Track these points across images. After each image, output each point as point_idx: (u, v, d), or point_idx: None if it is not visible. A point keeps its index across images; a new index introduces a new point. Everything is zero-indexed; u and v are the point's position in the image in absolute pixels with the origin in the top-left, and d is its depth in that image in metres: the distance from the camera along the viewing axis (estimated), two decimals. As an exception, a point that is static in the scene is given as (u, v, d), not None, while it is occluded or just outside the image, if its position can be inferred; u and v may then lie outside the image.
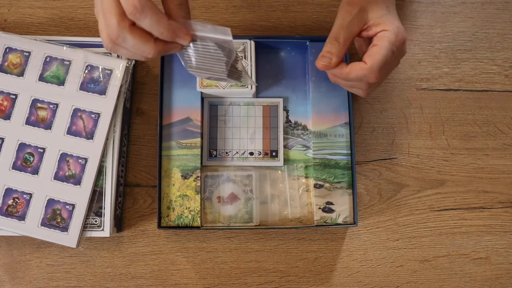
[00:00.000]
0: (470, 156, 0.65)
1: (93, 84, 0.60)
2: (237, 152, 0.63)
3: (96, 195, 0.59)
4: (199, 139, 0.61)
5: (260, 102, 0.64)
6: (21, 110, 0.60)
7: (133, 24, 0.38)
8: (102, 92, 0.60)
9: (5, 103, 0.60)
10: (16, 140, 0.59)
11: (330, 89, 0.63)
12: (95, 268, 0.62)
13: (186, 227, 0.59)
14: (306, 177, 0.62)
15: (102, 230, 0.58)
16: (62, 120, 0.59)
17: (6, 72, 0.60)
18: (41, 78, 0.60)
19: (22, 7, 0.66)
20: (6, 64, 0.60)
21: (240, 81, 0.49)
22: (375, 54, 0.48)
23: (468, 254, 0.63)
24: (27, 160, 0.59)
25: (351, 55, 0.66)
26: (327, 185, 0.61)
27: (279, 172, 0.62)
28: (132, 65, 0.61)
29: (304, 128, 0.63)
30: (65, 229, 0.58)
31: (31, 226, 0.58)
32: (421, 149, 0.65)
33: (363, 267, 0.63)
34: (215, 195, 0.61)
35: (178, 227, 0.59)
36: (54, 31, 0.66)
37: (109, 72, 0.60)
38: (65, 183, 0.59)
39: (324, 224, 0.60)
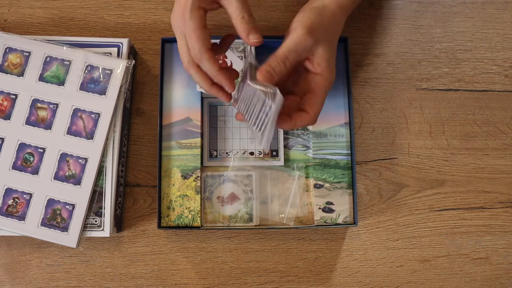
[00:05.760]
0: (470, 156, 0.65)
1: (93, 84, 0.60)
2: (237, 152, 0.63)
3: (96, 195, 0.59)
4: (199, 139, 0.61)
5: (260, 102, 0.64)
6: (21, 110, 0.60)
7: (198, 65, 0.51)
8: (102, 92, 0.60)
9: (5, 103, 0.60)
10: (16, 140, 0.59)
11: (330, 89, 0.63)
12: (95, 268, 0.62)
13: (186, 227, 0.59)
14: (306, 177, 0.62)
15: (102, 230, 0.58)
16: (62, 120, 0.59)
17: (6, 72, 0.60)
18: (41, 78, 0.60)
19: (22, 7, 0.66)
20: (6, 64, 0.60)
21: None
22: (315, 103, 0.52)
23: (468, 254, 0.63)
24: (27, 160, 0.59)
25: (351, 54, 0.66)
26: (327, 185, 0.61)
27: (279, 172, 0.62)
28: (132, 65, 0.61)
29: (304, 128, 0.63)
30: (65, 229, 0.58)
31: (31, 226, 0.58)
32: (421, 149, 0.65)
33: (363, 267, 0.63)
34: (215, 195, 0.61)
35: (178, 227, 0.59)
36: (54, 31, 0.66)
37: (109, 72, 0.60)
38: (65, 183, 0.59)
39: (324, 224, 0.60)
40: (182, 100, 0.62)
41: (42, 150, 0.59)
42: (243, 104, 0.52)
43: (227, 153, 0.63)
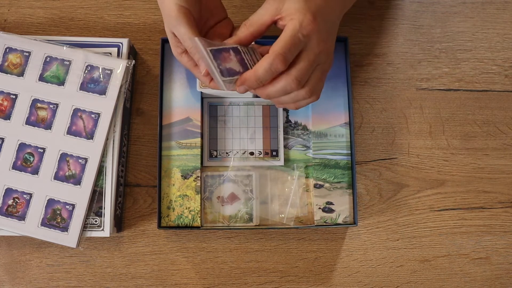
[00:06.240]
0: (470, 156, 0.65)
1: (93, 84, 0.60)
2: (237, 152, 0.63)
3: (96, 195, 0.59)
4: (199, 139, 0.61)
5: (259, 102, 0.64)
6: (21, 110, 0.60)
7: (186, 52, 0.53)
8: (102, 92, 0.60)
9: (5, 103, 0.60)
10: (16, 140, 0.59)
11: (330, 89, 0.63)
12: (95, 268, 0.62)
13: (186, 227, 0.59)
14: (306, 177, 0.62)
15: (102, 230, 0.58)
16: (62, 120, 0.59)
17: (6, 72, 0.60)
18: (41, 78, 0.60)
19: (22, 7, 0.66)
20: (6, 64, 0.60)
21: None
22: (277, 42, 0.47)
23: (468, 254, 0.63)
24: (27, 160, 0.59)
25: (350, 55, 0.66)
26: (327, 185, 0.61)
27: (279, 172, 0.62)
28: (132, 65, 0.61)
29: (304, 128, 0.63)
30: (65, 229, 0.58)
31: (31, 226, 0.58)
32: (421, 149, 0.65)
33: (363, 267, 0.63)
34: (215, 195, 0.61)
35: (178, 227, 0.59)
36: (54, 31, 0.66)
37: (109, 72, 0.60)
38: (65, 183, 0.59)
39: (324, 224, 0.60)
40: (182, 100, 0.62)
41: (42, 150, 0.59)
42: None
43: (227, 153, 0.63)
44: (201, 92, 0.62)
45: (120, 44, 0.61)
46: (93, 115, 0.60)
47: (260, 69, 0.47)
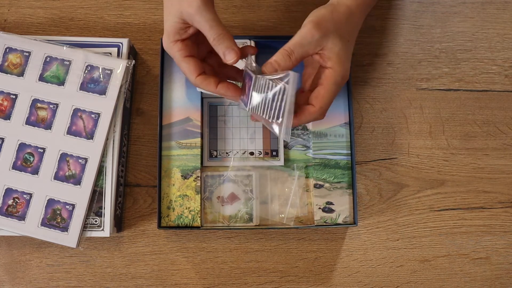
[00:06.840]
0: (470, 156, 0.65)
1: (93, 84, 0.60)
2: (237, 152, 0.63)
3: (96, 195, 0.59)
4: (199, 139, 0.61)
5: (260, 102, 0.64)
6: (21, 110, 0.60)
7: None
8: (102, 92, 0.60)
9: (5, 103, 0.60)
10: (16, 140, 0.59)
11: (330, 89, 0.63)
12: (95, 268, 0.62)
13: (186, 227, 0.59)
14: (306, 177, 0.62)
15: (102, 230, 0.58)
16: (62, 120, 0.59)
17: (6, 72, 0.60)
18: (41, 78, 0.60)
19: (22, 7, 0.66)
20: (6, 64, 0.60)
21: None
22: (322, 97, 0.51)
23: (468, 254, 0.63)
24: (27, 160, 0.59)
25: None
26: (327, 185, 0.61)
27: (279, 172, 0.62)
28: (132, 65, 0.61)
29: (304, 128, 0.63)
30: (65, 229, 0.58)
31: (31, 226, 0.58)
32: (421, 149, 0.65)
33: (363, 267, 0.63)
34: (215, 195, 0.61)
35: (178, 227, 0.59)
36: (54, 31, 0.66)
37: (109, 72, 0.60)
38: (65, 183, 0.59)
39: (324, 224, 0.60)
40: (182, 100, 0.62)
41: (42, 150, 0.59)
42: (254, 102, 0.51)
43: (227, 153, 0.63)
44: (201, 92, 0.62)
45: (120, 44, 0.62)
46: (93, 115, 0.60)
47: (303, 119, 0.51)
